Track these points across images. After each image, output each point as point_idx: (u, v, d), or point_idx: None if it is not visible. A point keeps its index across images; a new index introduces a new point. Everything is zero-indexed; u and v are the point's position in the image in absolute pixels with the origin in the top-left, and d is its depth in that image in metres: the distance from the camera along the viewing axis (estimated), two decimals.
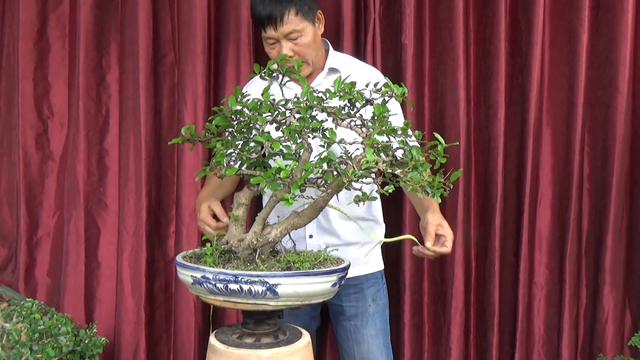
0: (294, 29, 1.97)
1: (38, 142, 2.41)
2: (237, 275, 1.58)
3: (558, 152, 2.48)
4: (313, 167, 1.51)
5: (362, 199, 1.51)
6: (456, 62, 2.41)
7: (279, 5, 1.95)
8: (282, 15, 1.95)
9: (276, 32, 1.97)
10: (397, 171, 1.50)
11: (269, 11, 1.95)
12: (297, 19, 1.96)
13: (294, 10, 1.96)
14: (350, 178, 1.50)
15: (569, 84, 2.43)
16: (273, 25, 1.96)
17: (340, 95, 1.58)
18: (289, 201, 1.51)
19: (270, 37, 1.99)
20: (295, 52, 2.00)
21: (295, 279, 1.58)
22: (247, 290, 1.57)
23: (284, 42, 1.98)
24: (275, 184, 1.55)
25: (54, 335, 1.78)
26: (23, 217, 2.40)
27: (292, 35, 1.98)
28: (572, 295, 2.48)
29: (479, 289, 2.52)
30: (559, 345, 2.49)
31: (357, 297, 2.18)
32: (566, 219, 2.46)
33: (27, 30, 2.35)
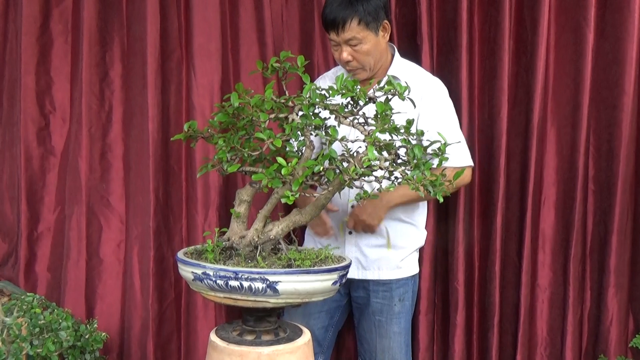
0: (354, 37, 2.04)
1: (40, 137, 2.41)
2: (237, 272, 1.57)
3: (563, 152, 2.47)
4: (314, 164, 1.51)
5: (364, 197, 1.50)
6: (459, 61, 2.40)
7: (344, 12, 2.02)
8: (344, 22, 2.02)
9: (338, 37, 2.05)
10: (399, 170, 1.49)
11: (333, 16, 2.03)
12: (359, 28, 2.04)
13: (356, 19, 2.03)
14: (351, 176, 1.49)
15: (575, 84, 2.42)
16: (335, 30, 2.04)
17: (343, 92, 1.58)
18: (289, 198, 1.51)
19: (333, 39, 2.08)
20: (354, 57, 2.08)
21: (295, 277, 1.58)
22: (247, 287, 1.56)
23: (344, 47, 2.07)
24: (276, 180, 1.55)
25: (55, 330, 1.78)
26: (24, 212, 2.40)
27: (352, 42, 2.05)
28: (576, 297, 2.47)
29: (482, 289, 2.51)
30: (562, 348, 2.48)
31: (385, 295, 2.21)
32: (570, 220, 2.45)
33: (30, 25, 2.35)
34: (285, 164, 1.52)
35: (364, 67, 2.11)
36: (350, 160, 1.55)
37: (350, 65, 2.10)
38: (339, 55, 2.09)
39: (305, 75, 1.68)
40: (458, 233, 2.43)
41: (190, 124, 1.74)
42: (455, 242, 2.44)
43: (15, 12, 2.39)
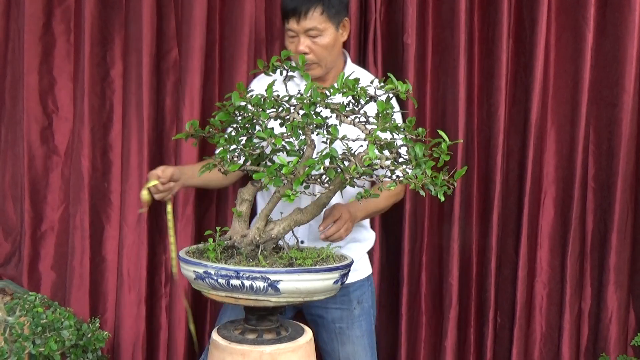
0: (316, 26, 1.98)
1: (42, 136, 2.40)
2: (238, 271, 1.57)
3: (562, 150, 2.47)
4: (315, 163, 1.50)
5: (364, 196, 1.50)
6: (457, 61, 2.40)
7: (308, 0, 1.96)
8: (307, 10, 1.96)
9: (298, 26, 1.97)
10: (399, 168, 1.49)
11: (295, 3, 1.97)
12: (321, 18, 1.98)
13: (320, 8, 1.97)
14: (352, 175, 1.49)
15: (574, 83, 2.42)
16: (296, 17, 1.97)
17: (344, 91, 1.57)
18: (290, 197, 1.51)
19: (291, 29, 1.99)
20: (311, 50, 2.00)
21: (296, 276, 1.57)
22: (248, 286, 1.56)
23: (303, 38, 1.99)
24: (277, 179, 1.54)
25: (57, 329, 1.78)
26: (27, 211, 2.39)
27: (312, 32, 1.98)
28: (573, 294, 2.47)
29: (478, 286, 2.52)
30: (559, 344, 2.49)
31: (343, 300, 2.14)
32: (569, 218, 2.46)
33: (33, 24, 2.35)
34: (286, 163, 1.52)
35: (319, 63, 2.03)
36: (351, 159, 1.54)
37: (307, 59, 1.99)
38: (296, 47, 2.00)
39: (306, 74, 1.67)
40: (454, 230, 2.44)
41: (192, 123, 1.74)
42: (451, 240, 2.44)
43: (18, 11, 2.38)
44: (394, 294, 2.54)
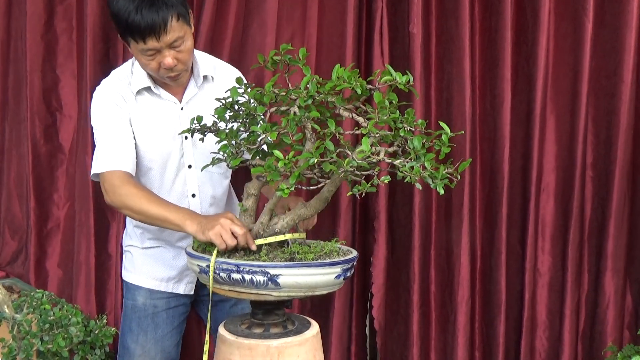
0: (178, 36, 1.80)
1: (47, 134, 2.41)
2: (239, 265, 1.57)
3: (562, 140, 2.46)
4: (309, 157, 1.49)
5: (361, 189, 1.48)
6: (462, 50, 2.38)
7: (160, 12, 1.75)
8: (165, 23, 1.75)
9: (159, 42, 1.77)
10: (396, 161, 1.48)
11: (150, 20, 1.74)
12: (179, 25, 1.79)
13: (175, 15, 1.78)
14: (346, 168, 1.47)
15: (573, 73, 2.40)
16: (156, 35, 1.76)
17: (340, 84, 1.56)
18: (284, 191, 1.49)
19: (151, 48, 1.79)
20: (178, 59, 1.84)
21: (296, 270, 1.57)
22: (249, 280, 1.56)
23: (167, 52, 1.81)
24: (275, 173, 1.53)
25: (64, 325, 1.78)
26: (33, 209, 2.41)
27: (176, 43, 1.81)
28: (574, 282, 2.47)
29: (486, 278, 2.51)
30: (560, 330, 2.48)
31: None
32: (569, 206, 2.44)
33: (35, 22, 2.35)
34: (282, 157, 1.50)
35: (187, 68, 1.90)
36: (348, 153, 1.53)
37: (175, 70, 1.86)
38: (158, 65, 1.82)
39: (306, 67, 1.66)
40: (464, 224, 2.43)
41: (196, 118, 1.74)
42: (461, 233, 2.43)
43: (19, 10, 2.38)
44: (401, 292, 2.53)
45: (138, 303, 2.10)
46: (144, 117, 1.97)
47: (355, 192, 1.50)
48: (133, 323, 2.10)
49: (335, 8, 2.40)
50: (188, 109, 1.99)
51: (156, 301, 2.10)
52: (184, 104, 1.99)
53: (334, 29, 2.42)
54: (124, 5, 1.76)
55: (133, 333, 2.09)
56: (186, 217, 1.77)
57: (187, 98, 1.99)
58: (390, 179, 1.50)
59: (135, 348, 2.09)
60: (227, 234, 1.66)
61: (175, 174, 2.01)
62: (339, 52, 2.40)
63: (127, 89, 1.95)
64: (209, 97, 1.98)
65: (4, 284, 2.31)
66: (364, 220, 2.54)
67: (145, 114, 1.97)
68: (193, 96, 2.00)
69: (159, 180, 2.01)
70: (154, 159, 1.98)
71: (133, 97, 1.96)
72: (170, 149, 1.99)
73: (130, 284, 2.13)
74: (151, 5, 1.74)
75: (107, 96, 1.95)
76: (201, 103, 2.00)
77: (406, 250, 2.48)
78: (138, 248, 2.12)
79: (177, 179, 2.01)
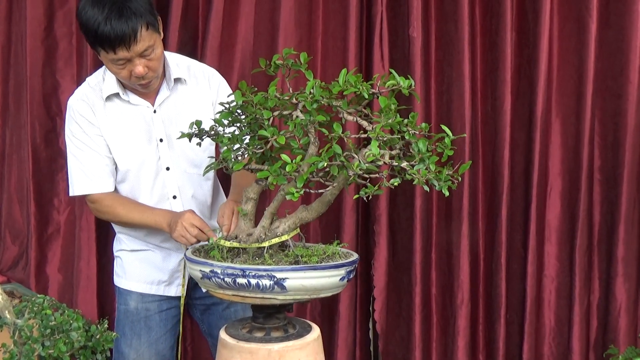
0: (148, 45, 1.80)
1: (47, 139, 2.42)
2: (244, 269, 1.58)
3: (568, 143, 2.46)
4: (318, 160, 1.50)
5: (368, 192, 1.49)
6: (461, 54, 2.39)
7: (130, 22, 1.74)
8: (135, 33, 1.75)
9: (129, 52, 1.78)
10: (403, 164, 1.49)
11: (119, 30, 1.74)
12: (148, 34, 1.79)
13: (144, 24, 1.77)
14: (355, 171, 1.48)
15: (578, 75, 2.41)
16: (126, 45, 1.76)
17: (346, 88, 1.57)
18: (294, 195, 1.50)
19: (121, 58, 1.79)
20: (149, 67, 1.85)
21: (302, 273, 1.58)
22: (255, 285, 1.56)
23: (137, 60, 1.81)
24: (281, 177, 1.54)
25: (66, 330, 1.78)
26: (33, 214, 2.41)
27: (147, 52, 1.81)
28: (582, 287, 2.46)
29: (487, 281, 2.52)
30: (569, 338, 2.48)
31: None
32: (576, 211, 2.45)
33: (35, 27, 2.36)
34: (290, 160, 1.52)
35: (157, 75, 1.91)
36: (354, 156, 1.54)
37: (146, 78, 1.87)
38: (129, 73, 1.83)
39: (309, 71, 1.67)
40: (463, 226, 2.43)
41: (196, 122, 1.74)
42: (461, 236, 2.44)
43: (19, 15, 2.39)
44: (403, 295, 2.53)
45: (130, 307, 2.11)
46: (115, 124, 1.99)
47: (362, 195, 1.51)
48: (126, 327, 2.11)
49: (338, 12, 2.42)
50: (161, 112, 2.01)
51: (148, 304, 2.11)
52: (157, 107, 2.01)
53: (338, 33, 2.43)
54: (92, 16, 1.75)
55: (126, 337, 2.10)
56: (161, 220, 1.94)
57: (159, 101, 2.01)
58: (399, 181, 1.52)
59: (130, 352, 2.10)
60: (187, 234, 1.83)
61: (154, 177, 2.03)
62: (343, 56, 2.42)
63: (98, 96, 1.98)
64: (183, 99, 2.02)
65: (5, 289, 2.31)
66: (366, 224, 2.55)
67: (116, 121, 1.99)
68: (165, 99, 2.01)
69: (138, 184, 2.02)
70: (130, 164, 2.01)
71: (103, 105, 1.98)
72: (146, 153, 2.01)
73: (122, 289, 2.14)
74: (120, 16, 1.74)
75: (78, 111, 1.97)
76: (174, 105, 2.02)
77: (408, 253, 2.49)
78: (127, 252, 2.13)
79: (156, 181, 2.03)
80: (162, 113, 2.01)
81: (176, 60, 2.04)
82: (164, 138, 2.01)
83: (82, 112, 1.97)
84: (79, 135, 1.98)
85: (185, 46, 2.37)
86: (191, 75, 2.04)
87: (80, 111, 1.98)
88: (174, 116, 2.01)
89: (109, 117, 1.99)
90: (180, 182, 2.04)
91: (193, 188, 2.06)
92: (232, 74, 2.40)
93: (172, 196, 2.05)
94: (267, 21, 2.42)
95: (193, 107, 2.02)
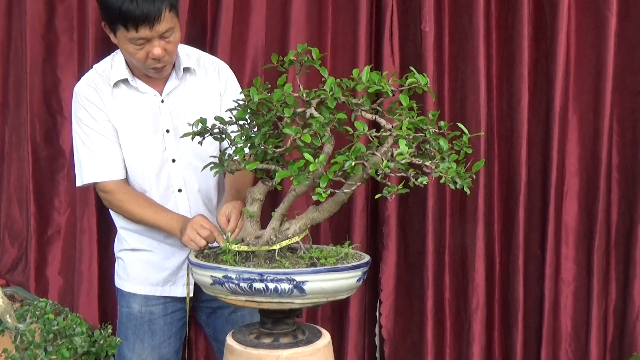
0: (169, 27, 1.85)
1: (47, 137, 2.42)
2: (262, 273, 1.56)
3: (585, 140, 2.45)
4: (345, 159, 1.50)
5: (392, 191, 1.49)
6: (477, 48, 2.38)
7: (156, 2, 1.80)
8: (159, 13, 1.80)
9: (151, 32, 1.82)
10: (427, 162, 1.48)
11: (145, 9, 1.79)
12: (171, 16, 1.85)
13: (168, 6, 1.83)
14: (384, 171, 1.48)
15: (597, 70, 2.40)
16: (149, 24, 1.80)
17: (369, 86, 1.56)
18: (322, 195, 1.50)
19: (142, 37, 1.83)
20: (166, 50, 1.88)
21: (322, 275, 1.57)
22: (272, 289, 1.55)
23: (157, 41, 1.85)
24: (302, 177, 1.54)
25: (69, 336, 1.78)
26: (33, 214, 2.41)
27: (167, 33, 1.85)
28: (601, 290, 2.45)
29: (503, 285, 2.50)
30: (587, 342, 2.47)
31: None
32: (594, 211, 2.43)
33: (35, 22, 2.36)
34: (313, 159, 1.51)
35: (172, 61, 1.95)
36: (376, 154, 1.53)
37: (162, 61, 1.90)
38: (146, 55, 1.86)
39: (323, 68, 1.66)
40: (479, 227, 2.42)
41: (200, 120, 1.74)
42: (476, 237, 2.42)
43: (20, 10, 2.39)
44: (414, 299, 2.52)
45: (133, 310, 2.11)
46: (121, 112, 2.00)
47: (386, 194, 1.50)
48: (129, 331, 2.11)
49: (347, 6, 2.41)
50: (168, 101, 2.02)
51: (152, 308, 2.10)
52: (165, 96, 2.02)
53: (348, 27, 2.42)
54: None
55: (129, 341, 2.10)
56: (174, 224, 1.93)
57: (167, 90, 2.02)
58: (428, 180, 1.52)
59: (132, 357, 2.10)
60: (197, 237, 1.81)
61: (159, 169, 2.03)
62: (353, 51, 2.41)
63: (105, 83, 2.00)
64: (191, 89, 2.03)
65: (6, 293, 2.31)
66: (374, 225, 2.54)
67: (123, 108, 2.00)
68: (174, 88, 2.03)
69: (142, 175, 2.02)
70: (134, 153, 2.01)
71: (110, 91, 1.99)
72: (152, 143, 2.01)
73: (124, 292, 2.14)
74: None
75: (85, 97, 1.99)
76: (182, 96, 2.03)
77: (420, 255, 2.48)
78: (129, 252, 2.12)
79: (161, 173, 2.03)
80: (170, 103, 2.02)
81: (186, 50, 2.07)
82: (170, 129, 2.01)
83: (89, 98, 1.98)
84: (87, 122, 1.98)
85: (194, 42, 2.36)
86: (201, 67, 2.06)
87: (87, 96, 1.99)
88: (181, 107, 2.02)
89: (115, 104, 1.99)
90: (186, 175, 2.04)
91: (199, 182, 2.06)
92: (244, 70, 2.40)
93: (177, 189, 2.05)
94: (278, 16, 2.42)
95: (201, 99, 2.03)
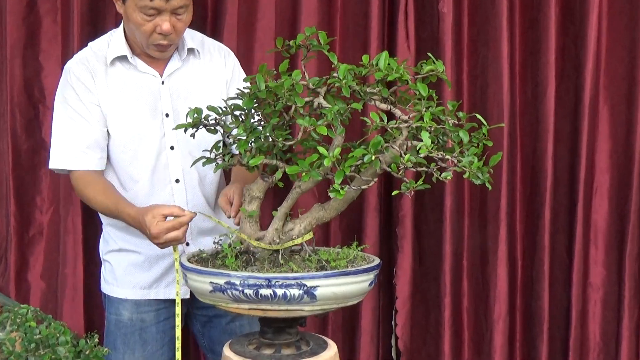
0: (184, 4, 1.91)
1: (29, 128, 2.41)
2: (270, 278, 1.56)
3: (617, 134, 2.45)
4: (364, 153, 1.49)
5: (411, 187, 1.48)
6: (499, 32, 2.38)
7: None
8: None
9: (166, 3, 1.88)
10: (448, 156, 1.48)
11: None
12: None
13: None
14: (406, 165, 1.47)
15: (630, 57, 2.40)
16: None
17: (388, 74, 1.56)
18: (340, 192, 1.50)
19: (155, 7, 1.88)
20: (175, 28, 1.93)
21: (334, 280, 1.57)
22: (281, 295, 1.55)
23: (168, 16, 1.90)
24: (315, 172, 1.53)
25: (52, 345, 1.78)
26: (13, 213, 2.41)
27: (180, 10, 1.91)
28: (632, 298, 2.45)
29: (527, 292, 2.50)
30: (617, 354, 2.47)
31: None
32: (626, 211, 2.43)
33: (15, 3, 2.35)
34: (327, 153, 1.50)
35: (177, 42, 2.00)
36: (394, 147, 1.53)
37: (168, 40, 1.94)
38: (153, 28, 1.90)
39: (332, 54, 1.65)
40: (501, 229, 2.41)
41: (195, 111, 1.73)
42: (498, 240, 2.42)
43: None
44: (430, 308, 2.52)
45: (123, 318, 2.10)
46: (115, 93, 2.00)
47: (404, 191, 1.50)
48: (118, 340, 2.10)
49: None
50: (169, 83, 2.03)
51: (144, 315, 2.09)
52: (165, 77, 2.03)
53: (359, 8, 2.42)
54: None
55: (118, 351, 2.09)
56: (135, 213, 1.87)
57: (169, 71, 2.03)
58: (451, 175, 1.51)
59: None
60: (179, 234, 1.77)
61: (155, 156, 2.02)
62: (364, 34, 2.41)
63: (100, 61, 2.00)
64: (194, 72, 2.04)
65: None
66: (388, 226, 2.54)
67: (117, 89, 2.00)
68: (176, 70, 2.04)
69: (137, 162, 2.02)
70: (129, 138, 2.01)
71: (105, 70, 1.99)
72: (148, 127, 2.01)
73: (112, 298, 2.13)
74: None
75: (76, 75, 2.00)
76: (185, 78, 2.04)
77: (436, 259, 2.48)
78: (116, 253, 2.11)
79: (158, 162, 2.03)
80: (171, 85, 2.03)
81: (190, 33, 2.09)
82: (170, 113, 2.01)
83: (80, 76, 1.99)
84: (72, 102, 1.99)
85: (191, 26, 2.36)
86: (205, 50, 2.09)
87: (78, 75, 2.00)
88: (183, 90, 2.03)
89: (110, 85, 2.00)
90: (185, 165, 2.03)
91: (199, 173, 2.05)
92: (252, 55, 2.40)
93: (174, 179, 2.04)
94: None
95: (205, 83, 2.04)
